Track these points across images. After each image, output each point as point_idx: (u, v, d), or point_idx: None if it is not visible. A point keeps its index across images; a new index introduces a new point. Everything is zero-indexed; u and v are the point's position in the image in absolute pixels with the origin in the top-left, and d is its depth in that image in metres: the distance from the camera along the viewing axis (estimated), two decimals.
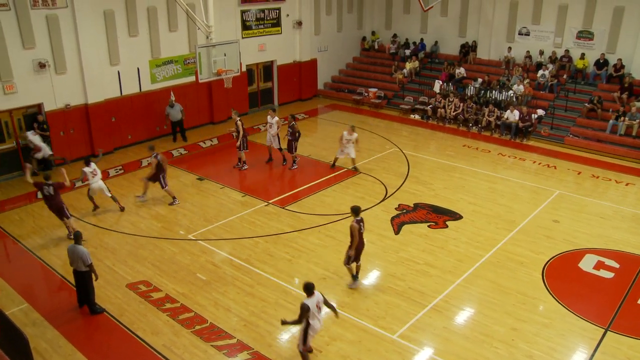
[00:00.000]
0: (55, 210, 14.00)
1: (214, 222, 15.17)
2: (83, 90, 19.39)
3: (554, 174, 18.69)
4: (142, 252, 13.64)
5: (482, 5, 26.48)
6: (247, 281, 12.33)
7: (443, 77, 26.38)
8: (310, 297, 9.10)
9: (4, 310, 9.58)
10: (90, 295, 11.19)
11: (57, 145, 19.03)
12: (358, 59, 31.23)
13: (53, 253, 13.66)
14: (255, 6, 24.84)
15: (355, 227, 11.53)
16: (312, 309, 9.05)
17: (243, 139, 18.40)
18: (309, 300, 9.05)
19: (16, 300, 11.72)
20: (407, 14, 29.67)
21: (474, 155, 20.47)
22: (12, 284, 12.30)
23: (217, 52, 17.79)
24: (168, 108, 21.35)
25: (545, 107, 23.31)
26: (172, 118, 21.52)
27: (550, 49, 24.88)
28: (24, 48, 17.55)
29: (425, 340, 10.39)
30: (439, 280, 12.33)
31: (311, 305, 9.03)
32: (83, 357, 9.93)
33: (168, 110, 21.37)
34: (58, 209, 13.95)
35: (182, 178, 18.32)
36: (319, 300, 9.23)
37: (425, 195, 16.76)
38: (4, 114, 17.90)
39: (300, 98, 28.39)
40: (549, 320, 10.96)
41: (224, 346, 10.20)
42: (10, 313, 10.80)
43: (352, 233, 11.63)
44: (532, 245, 13.83)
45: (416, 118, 25.30)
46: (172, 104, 21.32)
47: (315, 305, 9.13)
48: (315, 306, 9.14)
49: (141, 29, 20.73)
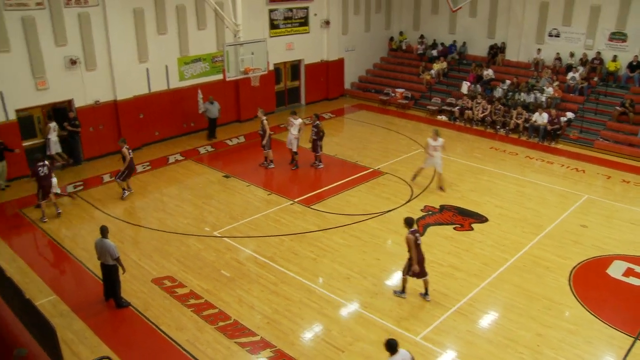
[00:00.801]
0: (46, 190, 15.05)
1: (240, 220, 15.25)
2: (112, 86, 19.66)
3: (582, 178, 18.41)
4: (167, 248, 13.78)
5: (512, 6, 26.17)
6: (272, 279, 12.38)
7: (471, 78, 26.15)
8: (393, 356, 7.86)
9: (33, 301, 9.75)
10: (116, 288, 11.34)
11: (87, 141, 19.32)
12: (385, 59, 31.13)
13: (80, 246, 13.87)
14: (283, 5, 24.91)
15: (410, 239, 10.97)
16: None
17: (268, 138, 18.47)
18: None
19: (45, 291, 11.93)
20: (436, 14, 29.46)
21: (501, 157, 20.27)
22: (41, 276, 12.53)
23: (244, 51, 17.90)
24: (207, 104, 21.45)
25: (575, 110, 22.97)
26: (210, 115, 21.64)
27: (581, 51, 24.47)
28: (56, 45, 17.87)
29: (448, 343, 10.32)
30: (463, 283, 12.23)
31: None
32: (108, 349, 10.05)
33: (207, 106, 21.47)
34: (49, 188, 15.08)
35: (208, 175, 18.46)
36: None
37: (451, 197, 16.64)
38: (35, 109, 18.26)
39: (327, 97, 28.40)
40: (575, 326, 10.79)
41: (247, 343, 10.25)
42: (40, 304, 10.97)
43: (408, 245, 11.09)
44: (559, 250, 13.63)
45: (443, 119, 25.13)
46: (212, 101, 21.47)
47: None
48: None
49: (170, 27, 20.94)
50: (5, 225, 15.10)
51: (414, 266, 11.16)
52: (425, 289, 11.64)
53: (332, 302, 11.55)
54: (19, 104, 17.54)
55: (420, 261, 11.21)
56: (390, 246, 13.96)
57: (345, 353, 10.01)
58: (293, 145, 18.82)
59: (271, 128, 18.91)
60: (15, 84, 17.21)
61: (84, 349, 10.11)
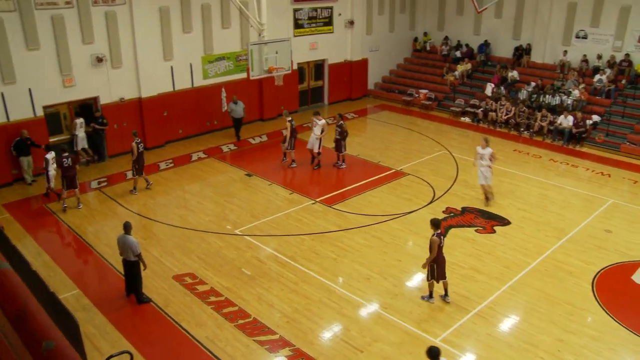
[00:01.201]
0: (70, 180, 15.43)
1: (261, 218, 15.32)
2: (137, 84, 19.89)
3: (608, 182, 18.14)
4: (189, 245, 13.89)
5: (539, 7, 25.87)
6: (292, 278, 12.41)
7: (495, 80, 25.91)
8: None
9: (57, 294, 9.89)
10: (137, 284, 11.47)
11: (111, 138, 19.57)
12: (409, 59, 31.00)
13: (103, 242, 14.06)
14: (308, 5, 24.94)
15: (435, 241, 10.94)
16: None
17: (291, 139, 18.51)
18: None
19: (68, 285, 12.13)
20: (460, 15, 29.25)
21: (524, 160, 20.06)
22: (65, 270, 12.74)
23: (268, 50, 17.97)
24: (231, 104, 21.48)
25: (601, 113, 22.63)
26: (235, 115, 21.66)
27: (609, 53, 24.09)
28: (83, 43, 18.15)
29: (467, 346, 10.25)
30: (484, 285, 12.14)
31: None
32: (129, 344, 10.16)
33: (231, 106, 21.50)
34: (72, 178, 15.47)
35: (230, 173, 18.57)
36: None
37: (473, 199, 16.52)
38: (62, 106, 18.56)
39: (350, 97, 28.38)
40: (598, 333, 10.63)
41: (266, 341, 10.29)
42: (63, 297, 11.14)
43: (431, 247, 11.04)
44: (582, 255, 13.45)
45: (466, 121, 24.96)
46: (236, 101, 21.46)
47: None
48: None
49: (195, 26, 21.10)
50: (31, 219, 15.38)
51: (428, 265, 11.17)
52: (444, 290, 11.59)
53: (351, 302, 11.55)
54: (46, 101, 17.86)
55: (441, 264, 11.16)
56: (411, 247, 13.92)
57: (364, 353, 10.00)
58: (315, 146, 18.81)
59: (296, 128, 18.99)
60: (43, 81, 17.52)
61: (105, 343, 10.25)
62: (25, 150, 17.20)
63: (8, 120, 17.13)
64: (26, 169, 17.42)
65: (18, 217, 15.39)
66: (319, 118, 18.66)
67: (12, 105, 17.08)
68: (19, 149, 17.13)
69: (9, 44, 16.58)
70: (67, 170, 15.34)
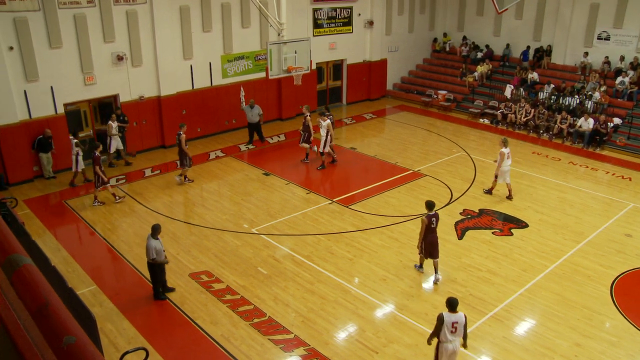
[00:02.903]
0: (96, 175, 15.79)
1: (278, 218, 15.37)
2: (157, 82, 20.06)
3: (628, 185, 17.93)
4: (206, 243, 13.98)
5: (560, 7, 25.62)
6: (308, 278, 12.44)
7: (515, 81, 25.72)
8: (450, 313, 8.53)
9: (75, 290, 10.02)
10: (156, 284, 11.57)
11: (130, 136, 19.77)
12: (428, 60, 30.89)
13: (121, 238, 14.22)
14: (327, 5, 24.96)
15: (423, 221, 11.97)
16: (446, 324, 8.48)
17: (305, 133, 18.61)
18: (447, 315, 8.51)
19: (86, 281, 12.27)
20: (480, 16, 29.08)
21: (543, 162, 19.90)
22: (83, 266, 12.89)
23: (287, 50, 17.99)
24: (246, 107, 20.97)
25: (623, 115, 22.36)
26: (249, 119, 21.17)
27: (632, 55, 23.77)
28: (104, 42, 18.37)
29: (483, 348, 10.20)
30: (501, 288, 12.07)
31: (447, 320, 8.48)
32: (145, 341, 10.26)
33: (245, 110, 21.03)
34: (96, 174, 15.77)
35: (248, 172, 18.66)
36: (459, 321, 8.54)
37: (491, 202, 16.43)
38: (82, 103, 18.77)
39: (368, 98, 28.35)
40: (616, 338, 10.52)
41: (280, 340, 10.33)
42: (81, 293, 11.26)
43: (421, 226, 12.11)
44: (601, 259, 13.32)
45: (485, 122, 24.82)
46: (252, 105, 20.98)
47: (452, 324, 8.50)
48: (451, 325, 8.50)
49: (215, 25, 21.22)
50: (50, 216, 15.60)
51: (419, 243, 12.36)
52: (434, 268, 12.31)
53: (367, 302, 11.55)
54: (68, 99, 18.11)
55: (429, 243, 12.08)
56: None
57: (378, 354, 10.00)
58: (320, 146, 18.81)
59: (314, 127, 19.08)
60: (65, 79, 17.78)
61: (121, 339, 10.36)
62: (46, 147, 17.49)
63: (30, 117, 17.38)
64: (45, 164, 17.73)
65: (38, 213, 15.60)
66: (324, 119, 18.58)
67: (34, 102, 17.33)
68: (41, 147, 17.45)
69: (33, 42, 16.84)
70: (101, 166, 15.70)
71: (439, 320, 8.49)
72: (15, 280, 4.03)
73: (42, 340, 3.36)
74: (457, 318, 8.48)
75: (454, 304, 8.49)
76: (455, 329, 8.50)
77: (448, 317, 8.45)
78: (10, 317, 3.47)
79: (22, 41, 16.65)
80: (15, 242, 4.82)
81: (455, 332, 8.52)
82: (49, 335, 3.39)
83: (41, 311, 3.55)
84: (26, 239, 9.43)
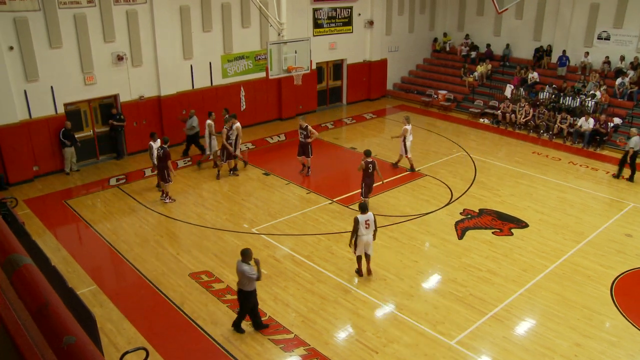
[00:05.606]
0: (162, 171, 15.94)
1: (278, 218, 15.37)
2: (157, 82, 20.07)
3: (629, 185, 17.92)
4: (206, 243, 13.98)
5: (560, 8, 25.63)
6: (308, 277, 12.44)
7: (515, 81, 25.73)
8: (361, 215, 11.65)
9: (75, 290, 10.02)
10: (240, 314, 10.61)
11: (130, 136, 19.77)
12: (428, 60, 30.89)
13: (121, 238, 14.20)
14: (327, 5, 24.95)
15: (361, 165, 14.89)
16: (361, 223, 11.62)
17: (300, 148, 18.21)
18: (360, 216, 11.65)
19: (86, 281, 12.27)
20: (481, 15, 29.09)
21: (543, 162, 19.90)
22: (83, 266, 12.88)
23: (288, 49, 17.99)
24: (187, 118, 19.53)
25: (623, 115, 22.35)
26: (187, 130, 19.56)
27: (633, 55, 23.78)
28: (104, 42, 18.37)
29: (483, 348, 10.20)
30: (501, 288, 12.07)
31: (361, 220, 11.61)
32: (145, 341, 10.25)
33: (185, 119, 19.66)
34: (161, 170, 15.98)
35: (248, 172, 18.65)
36: (370, 218, 11.69)
37: (491, 202, 16.43)
38: (82, 103, 18.77)
39: (368, 98, 28.35)
40: (616, 338, 10.52)
41: (281, 340, 10.33)
42: (81, 293, 11.25)
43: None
44: (601, 259, 13.32)
45: (485, 122, 24.82)
46: (191, 115, 19.48)
47: (365, 221, 11.63)
48: (364, 222, 11.63)
49: (215, 25, 21.22)
50: (50, 216, 15.59)
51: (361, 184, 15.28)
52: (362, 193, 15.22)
53: (367, 302, 11.55)
54: (67, 98, 18.11)
55: (369, 185, 15.19)
56: (428, 248, 13.88)
57: (378, 354, 10.00)
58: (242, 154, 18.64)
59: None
60: (65, 79, 17.78)
61: (122, 339, 10.35)
62: (72, 141, 17.95)
63: (30, 117, 17.38)
64: (69, 158, 18.07)
65: (38, 213, 15.60)
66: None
67: (34, 102, 17.33)
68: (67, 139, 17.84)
69: (33, 42, 16.85)
70: (160, 160, 15.85)
71: (356, 221, 11.60)
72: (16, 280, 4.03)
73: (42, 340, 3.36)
74: (368, 217, 11.67)
75: (364, 207, 11.74)
76: (368, 225, 11.69)
77: (362, 217, 11.60)
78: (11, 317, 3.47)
79: (22, 41, 16.66)
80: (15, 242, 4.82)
81: (369, 228, 11.72)
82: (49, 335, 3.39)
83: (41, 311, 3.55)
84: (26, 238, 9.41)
